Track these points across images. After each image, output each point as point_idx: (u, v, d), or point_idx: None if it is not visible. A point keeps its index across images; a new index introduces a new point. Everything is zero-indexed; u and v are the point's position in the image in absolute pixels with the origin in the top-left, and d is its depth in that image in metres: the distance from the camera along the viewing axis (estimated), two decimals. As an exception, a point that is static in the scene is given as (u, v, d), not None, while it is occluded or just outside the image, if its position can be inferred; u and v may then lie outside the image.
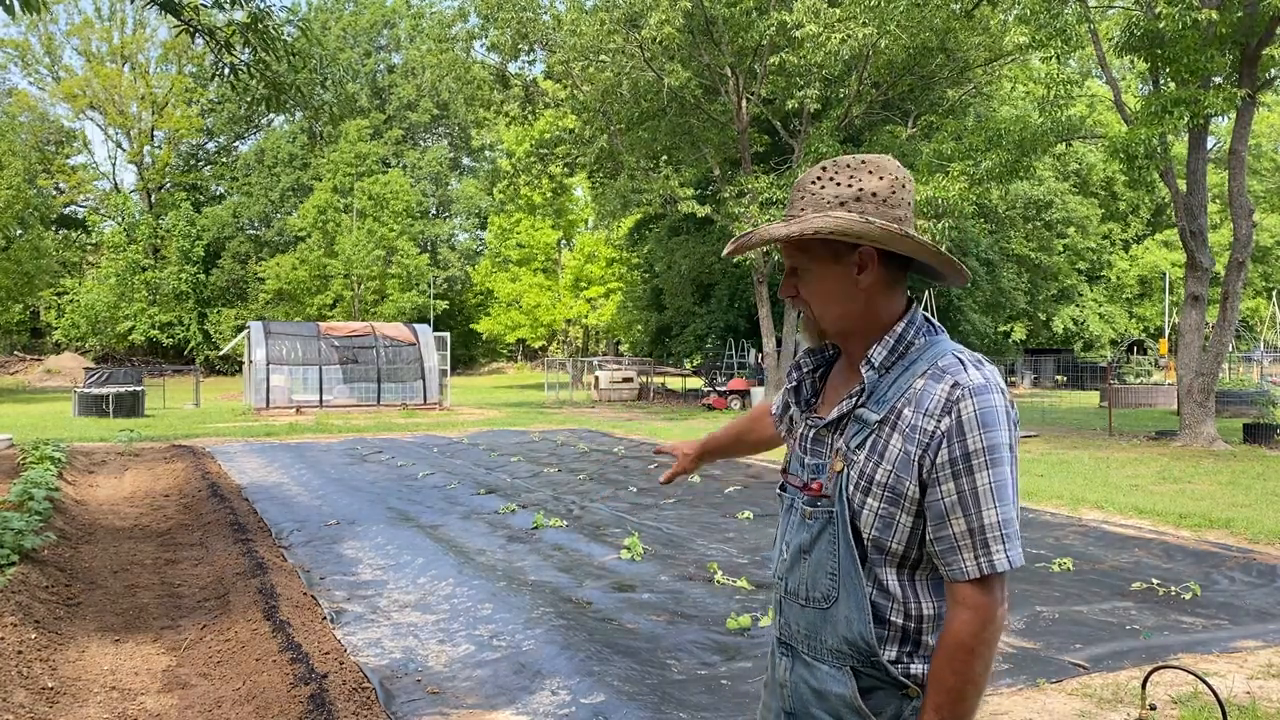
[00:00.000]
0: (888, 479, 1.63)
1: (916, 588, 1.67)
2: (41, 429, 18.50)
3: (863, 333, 1.72)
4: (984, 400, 1.59)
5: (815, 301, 1.73)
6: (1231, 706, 4.18)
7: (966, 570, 1.58)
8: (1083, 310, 42.51)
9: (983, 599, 1.58)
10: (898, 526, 1.64)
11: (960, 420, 1.58)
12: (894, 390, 1.66)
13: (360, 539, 8.07)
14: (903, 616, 1.66)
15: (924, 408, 1.61)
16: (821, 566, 1.72)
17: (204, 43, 8.34)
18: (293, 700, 4.21)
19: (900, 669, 1.65)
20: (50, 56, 55.52)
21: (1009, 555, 1.57)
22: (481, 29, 26.16)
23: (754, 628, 5.39)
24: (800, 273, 1.74)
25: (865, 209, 1.66)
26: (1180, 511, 9.11)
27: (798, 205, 1.71)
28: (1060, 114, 16.79)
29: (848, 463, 1.69)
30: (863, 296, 1.70)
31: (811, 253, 1.71)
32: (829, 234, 1.64)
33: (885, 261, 1.70)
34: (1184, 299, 16.25)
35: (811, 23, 20.55)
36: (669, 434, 17.95)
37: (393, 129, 57.20)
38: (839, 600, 1.69)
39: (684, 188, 24.99)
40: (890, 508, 1.63)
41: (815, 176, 1.71)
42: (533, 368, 57.18)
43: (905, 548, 1.65)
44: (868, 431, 1.67)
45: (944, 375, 1.62)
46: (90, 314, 49.00)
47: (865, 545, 1.67)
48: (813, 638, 1.74)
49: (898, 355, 1.69)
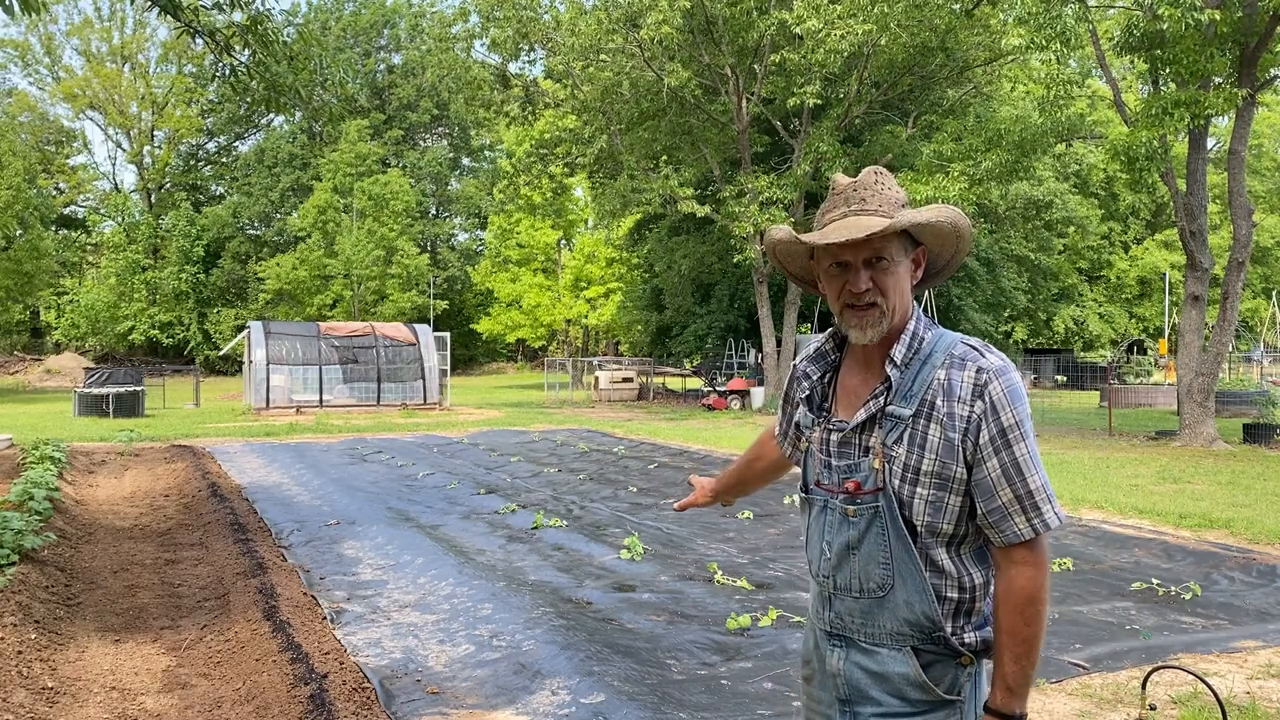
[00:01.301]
0: (934, 467, 1.77)
1: (964, 562, 1.82)
2: (41, 429, 18.51)
3: (899, 329, 1.84)
4: (1007, 380, 1.76)
5: (891, 295, 1.82)
6: (1231, 706, 4.18)
7: (1021, 532, 1.75)
8: (1083, 310, 42.51)
9: (1037, 555, 1.76)
10: (947, 508, 1.78)
11: (992, 401, 1.74)
12: (918, 384, 1.79)
13: (360, 539, 8.08)
14: (956, 590, 1.80)
15: (955, 395, 1.76)
16: (873, 559, 1.83)
17: (204, 44, 8.34)
18: (293, 700, 4.21)
19: (957, 640, 1.80)
20: (50, 56, 55.55)
21: (1056, 512, 1.77)
22: (482, 28, 26.16)
23: (754, 628, 5.39)
24: (883, 264, 1.81)
25: (909, 211, 1.83)
26: (1180, 511, 9.11)
27: (871, 202, 1.82)
28: (1060, 114, 16.78)
29: (888, 458, 1.80)
30: (909, 293, 1.86)
31: (898, 245, 1.82)
32: (947, 224, 1.80)
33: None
34: (1184, 299, 16.25)
35: (813, 18, 20.54)
36: (669, 434, 17.95)
37: (393, 129, 57.17)
38: (894, 587, 1.81)
39: (684, 187, 24.99)
40: (939, 492, 1.77)
41: (874, 179, 1.84)
42: (533, 368, 57.19)
43: (954, 526, 1.80)
44: (903, 426, 1.79)
45: (965, 363, 1.78)
46: (90, 314, 48.99)
47: (918, 531, 1.79)
48: (870, 625, 1.85)
49: (914, 351, 1.82)
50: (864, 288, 1.80)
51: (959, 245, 1.87)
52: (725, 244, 27.76)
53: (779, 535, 8.23)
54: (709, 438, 17.21)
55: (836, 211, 1.84)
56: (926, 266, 1.90)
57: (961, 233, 1.84)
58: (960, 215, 1.82)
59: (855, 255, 1.80)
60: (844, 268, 1.82)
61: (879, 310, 1.81)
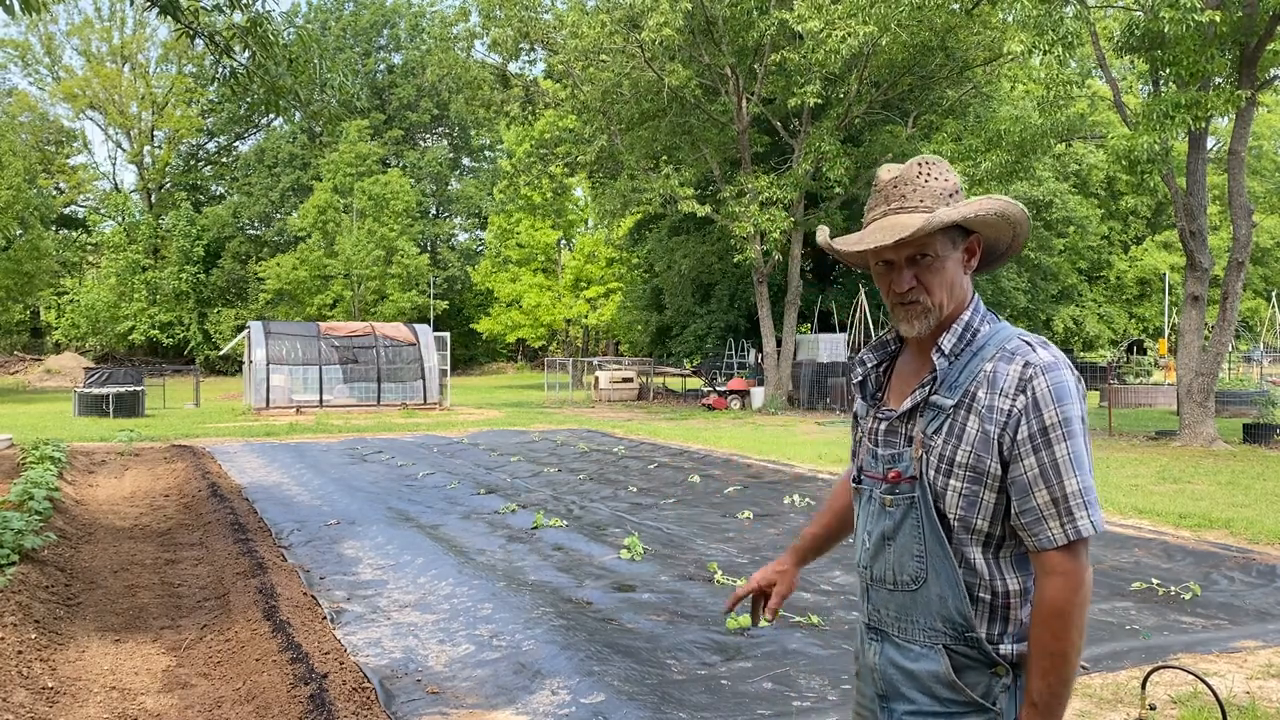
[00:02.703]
0: (968, 459, 1.71)
1: (1002, 565, 1.75)
2: (42, 429, 18.51)
3: (953, 319, 1.80)
4: (1055, 377, 1.69)
5: (938, 290, 1.78)
6: (1231, 706, 4.18)
7: (1053, 538, 1.67)
8: (1082, 310, 42.52)
9: (1071, 564, 1.67)
10: (982, 504, 1.72)
11: (1035, 397, 1.68)
12: (965, 375, 1.75)
13: (360, 539, 8.08)
14: (990, 594, 1.74)
15: (998, 388, 1.71)
16: (907, 550, 1.79)
17: (204, 45, 8.34)
18: (293, 700, 4.22)
19: (992, 647, 1.73)
20: (50, 56, 55.54)
21: (1092, 520, 1.67)
22: (482, 28, 26.16)
23: (754, 628, 5.38)
24: (926, 261, 1.77)
25: (958, 201, 1.79)
26: (1180, 511, 9.11)
27: (911, 198, 1.78)
28: (1060, 114, 16.78)
29: (926, 448, 1.76)
30: (964, 284, 1.82)
31: (942, 240, 1.77)
32: (992, 215, 1.76)
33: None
34: (1184, 299, 16.25)
35: (814, 18, 20.54)
36: (669, 434, 17.95)
37: (393, 129, 57.17)
38: (928, 581, 1.77)
39: (684, 187, 24.98)
40: (973, 486, 1.72)
41: (917, 172, 1.79)
42: (533, 368, 57.17)
43: (990, 524, 1.73)
44: (943, 417, 1.75)
45: (1014, 357, 1.72)
46: (90, 314, 48.99)
47: (951, 525, 1.74)
48: (903, 619, 1.81)
49: (965, 342, 1.78)
50: (906, 287, 1.78)
51: (1015, 230, 1.83)
52: (725, 244, 27.76)
53: (779, 535, 8.24)
54: (709, 438, 17.22)
55: (877, 210, 1.82)
56: (985, 252, 1.86)
57: (1013, 219, 1.79)
58: (1009, 203, 1.77)
59: (898, 254, 1.77)
60: (890, 265, 1.80)
61: (923, 306, 1.78)
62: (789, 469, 12.73)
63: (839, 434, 18.21)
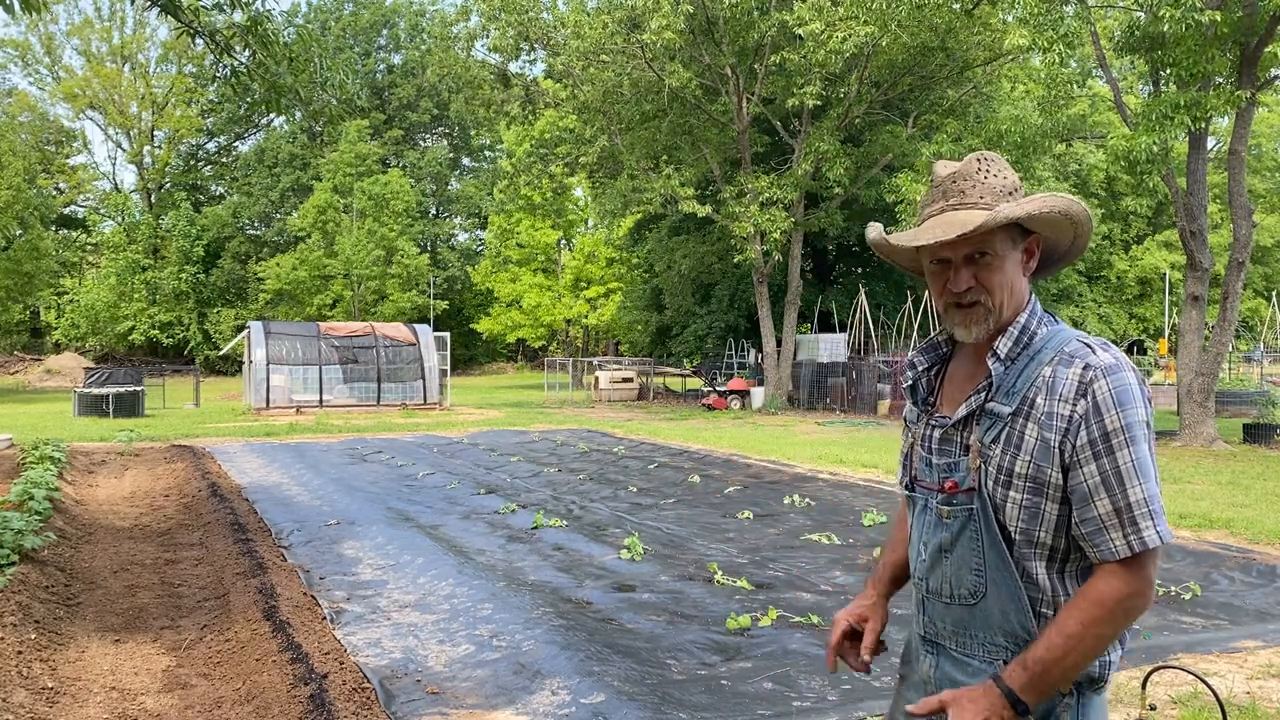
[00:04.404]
0: (1028, 469, 1.64)
1: (1065, 580, 1.68)
2: (41, 429, 18.50)
3: (1010, 322, 1.73)
4: (1117, 380, 1.61)
5: (999, 290, 1.71)
6: (1231, 706, 4.18)
7: (1116, 550, 1.59)
8: (1081, 310, 42.50)
9: (1134, 577, 1.60)
10: (1044, 516, 1.65)
11: (1096, 401, 1.60)
12: (1023, 380, 1.67)
13: (360, 539, 8.08)
14: (1053, 609, 1.67)
15: (1058, 393, 1.63)
16: (965, 564, 1.73)
17: (204, 44, 8.34)
18: (293, 700, 4.21)
19: None
20: (50, 56, 55.51)
21: (1159, 530, 1.59)
22: (483, 29, 26.17)
23: (754, 628, 5.39)
24: (985, 260, 1.71)
25: (1019, 198, 1.73)
26: (1180, 511, 9.11)
27: (970, 194, 1.71)
28: (1060, 114, 16.77)
29: (985, 458, 1.69)
30: (1022, 286, 1.74)
31: (1003, 237, 1.71)
32: (1055, 213, 1.70)
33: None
34: (1184, 299, 16.25)
35: (815, 20, 20.54)
36: (669, 434, 17.94)
37: (393, 129, 57.17)
38: (987, 595, 1.70)
39: (684, 187, 24.99)
40: (1034, 498, 1.65)
41: (976, 168, 1.74)
42: (533, 368, 57.16)
43: (1054, 537, 1.66)
44: (1001, 425, 1.68)
45: (1073, 360, 1.65)
46: (90, 314, 48.98)
47: (1013, 538, 1.67)
48: (961, 634, 1.75)
49: (1022, 346, 1.71)
50: (964, 287, 1.71)
51: (1077, 231, 1.76)
52: (725, 244, 27.76)
53: (779, 535, 8.23)
54: (709, 438, 17.21)
55: (935, 206, 1.75)
56: (1044, 254, 1.80)
57: (1076, 218, 1.73)
58: (1072, 202, 1.71)
59: (955, 252, 1.71)
60: (945, 265, 1.73)
61: (983, 308, 1.72)
62: (789, 469, 12.72)
63: (839, 434, 18.21)
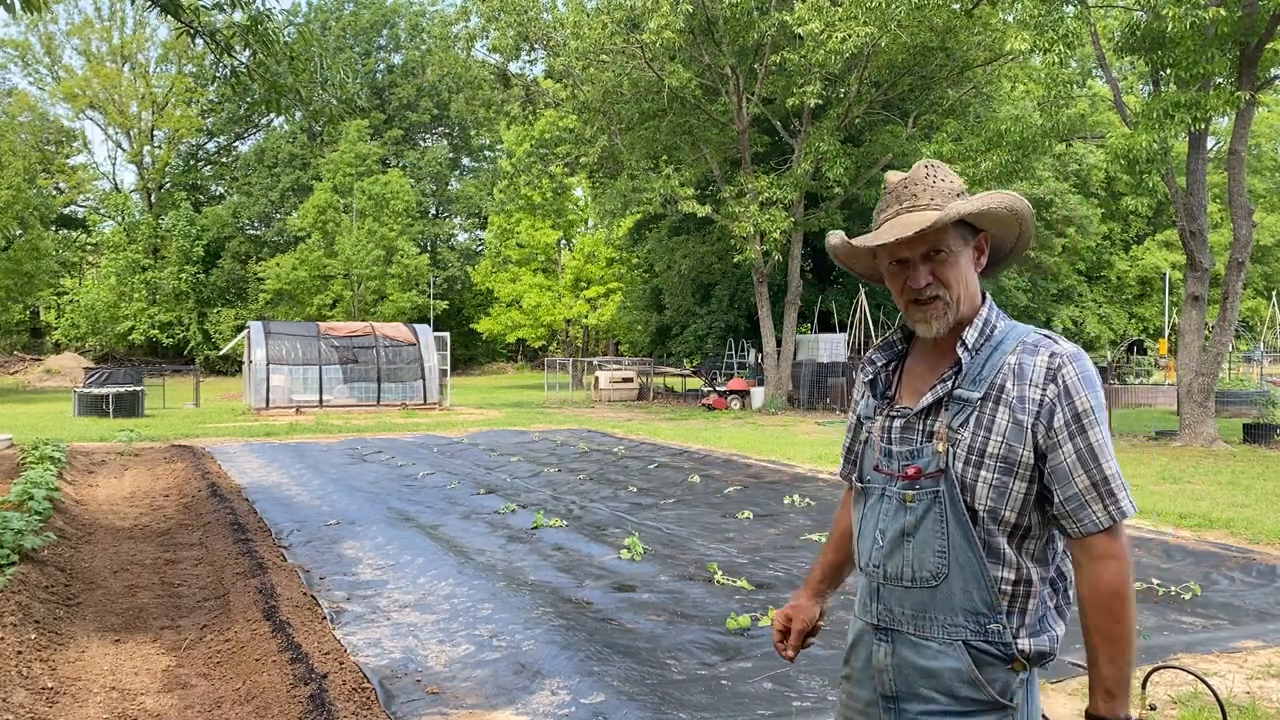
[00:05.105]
0: (999, 449, 1.73)
1: (1023, 558, 1.77)
2: (41, 429, 18.50)
3: (969, 317, 1.83)
4: (1081, 366, 1.75)
5: (955, 285, 1.82)
6: (1231, 706, 4.18)
7: (1099, 520, 1.72)
8: (1081, 310, 42.51)
9: (1117, 546, 1.72)
10: (1011, 494, 1.74)
11: (1066, 385, 1.73)
12: (989, 368, 1.78)
13: (360, 539, 8.08)
14: (1012, 586, 1.76)
15: (1027, 378, 1.74)
16: (928, 546, 1.79)
17: (204, 44, 8.34)
18: (293, 700, 4.21)
19: (1011, 642, 1.75)
20: (50, 56, 55.50)
21: (1130, 500, 1.74)
22: (482, 29, 26.17)
23: (754, 628, 5.39)
24: (941, 256, 1.81)
25: (967, 199, 1.84)
26: (1180, 511, 9.11)
27: (922, 196, 1.82)
28: (1060, 114, 16.77)
29: (952, 441, 1.77)
30: (976, 280, 1.86)
31: (955, 235, 1.82)
32: (1001, 209, 1.80)
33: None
34: (1184, 299, 16.25)
35: (814, 20, 20.54)
36: (669, 434, 17.94)
37: (393, 129, 57.15)
38: (949, 576, 1.77)
39: (684, 187, 24.99)
40: (1004, 477, 1.74)
41: (925, 174, 1.84)
42: (533, 368, 57.15)
43: (1018, 516, 1.75)
44: (970, 409, 1.77)
45: (1038, 349, 1.77)
46: (90, 314, 48.96)
47: (980, 518, 1.75)
48: (920, 617, 1.80)
49: (985, 337, 1.81)
50: (924, 282, 1.81)
51: (1021, 228, 1.86)
52: (725, 244, 27.75)
53: (779, 535, 8.23)
54: (709, 438, 17.21)
55: (889, 210, 1.85)
56: (992, 252, 1.90)
57: (1020, 214, 1.83)
58: (1016, 199, 1.81)
59: (912, 251, 1.81)
60: (903, 265, 1.83)
61: (942, 303, 1.81)
62: (789, 469, 12.72)
63: (839, 434, 18.21)
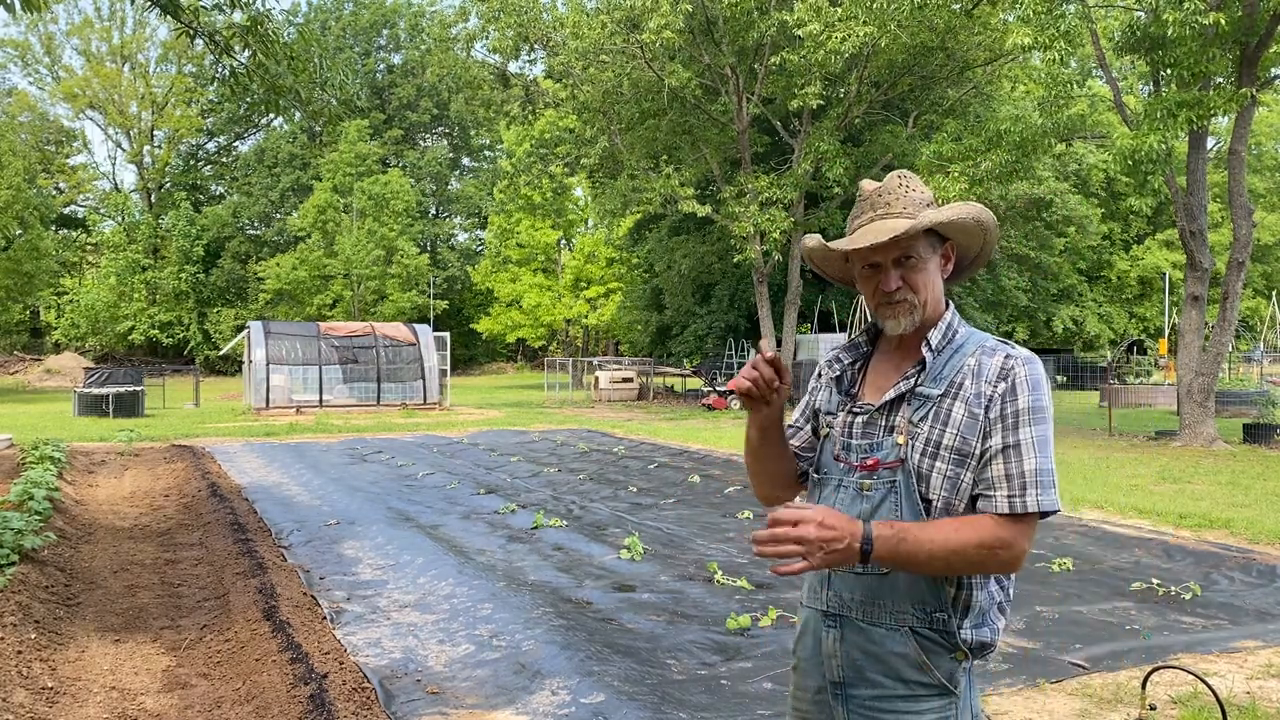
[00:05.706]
0: (954, 441, 1.83)
1: None
2: (41, 429, 18.50)
3: (933, 320, 1.94)
4: (1033, 369, 1.86)
5: (923, 289, 1.92)
6: (1231, 706, 4.18)
7: (997, 505, 1.79)
8: (1082, 310, 42.49)
9: (1007, 529, 1.78)
10: (963, 485, 1.84)
11: (1014, 384, 1.84)
12: (949, 368, 1.89)
13: (360, 539, 8.08)
14: (958, 577, 1.83)
15: (984, 376, 1.86)
16: None
17: (204, 44, 8.34)
18: (293, 700, 4.21)
19: (955, 631, 1.82)
20: (50, 56, 55.51)
21: (1040, 499, 1.78)
22: (482, 30, 26.16)
23: (754, 628, 5.39)
24: (911, 262, 1.91)
25: (936, 209, 1.94)
26: (1180, 511, 9.11)
27: (896, 205, 1.92)
28: (1061, 114, 16.77)
29: (911, 434, 1.87)
30: (941, 286, 1.97)
31: (924, 243, 1.92)
32: (969, 219, 1.90)
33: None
34: (1184, 299, 16.25)
35: (813, 21, 20.54)
36: (669, 434, 17.94)
37: (393, 129, 57.15)
38: None
39: (684, 187, 24.98)
40: (957, 469, 1.83)
41: (898, 183, 1.94)
42: (533, 368, 57.15)
43: (967, 508, 1.84)
44: (930, 405, 1.87)
45: (995, 351, 1.89)
46: (90, 314, 48.96)
47: (934, 507, 1.84)
48: (869, 603, 1.88)
49: (948, 340, 1.93)
50: (894, 286, 1.90)
51: (985, 238, 1.96)
52: (725, 244, 27.74)
53: (779, 535, 8.22)
54: (709, 438, 17.21)
55: (864, 217, 1.94)
56: (957, 260, 2.00)
57: (986, 226, 1.93)
58: (983, 210, 1.92)
59: (885, 256, 1.90)
60: (875, 269, 1.93)
61: (910, 304, 1.91)
62: (789, 469, 12.70)
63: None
